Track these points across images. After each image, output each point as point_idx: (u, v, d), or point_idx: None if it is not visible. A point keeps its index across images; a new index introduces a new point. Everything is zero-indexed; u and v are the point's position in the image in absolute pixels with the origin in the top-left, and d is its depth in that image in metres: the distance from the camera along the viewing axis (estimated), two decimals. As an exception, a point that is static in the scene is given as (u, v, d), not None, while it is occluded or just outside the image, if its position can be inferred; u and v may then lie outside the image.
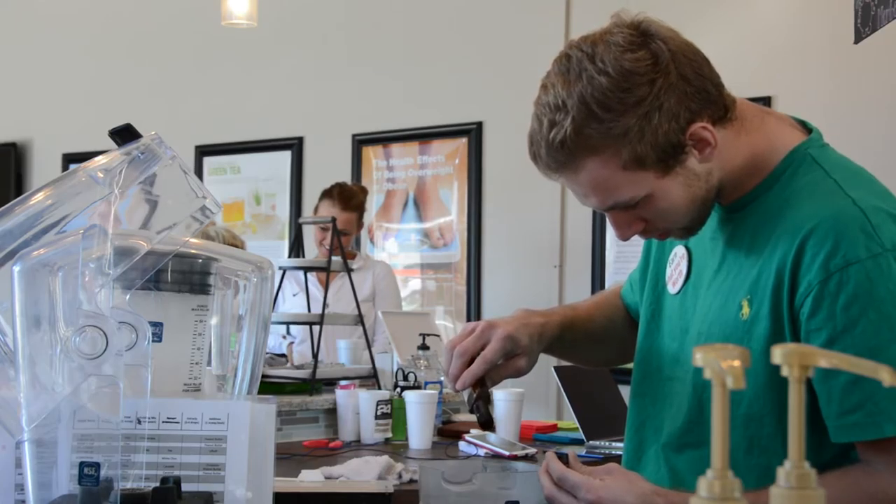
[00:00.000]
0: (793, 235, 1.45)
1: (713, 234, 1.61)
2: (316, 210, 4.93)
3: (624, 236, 1.57)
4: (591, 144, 1.47)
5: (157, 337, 1.27)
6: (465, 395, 1.59)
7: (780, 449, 1.43)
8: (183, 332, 1.32)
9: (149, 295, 1.28)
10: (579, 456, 3.28)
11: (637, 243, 1.76)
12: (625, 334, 1.87)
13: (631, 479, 1.48)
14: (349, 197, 4.77)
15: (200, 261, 1.35)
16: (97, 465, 1.09)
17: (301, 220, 4.61)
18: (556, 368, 3.70)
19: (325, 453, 3.21)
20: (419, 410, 3.34)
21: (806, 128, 1.63)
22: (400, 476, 2.73)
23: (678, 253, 1.68)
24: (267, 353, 3.83)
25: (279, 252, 5.93)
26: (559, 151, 1.50)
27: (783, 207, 1.50)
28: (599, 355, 1.97)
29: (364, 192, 4.96)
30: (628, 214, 1.54)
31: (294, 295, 4.71)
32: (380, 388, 3.65)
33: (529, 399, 3.66)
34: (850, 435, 1.42)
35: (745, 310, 1.49)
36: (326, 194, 4.84)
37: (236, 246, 4.67)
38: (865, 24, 4.09)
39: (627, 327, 1.87)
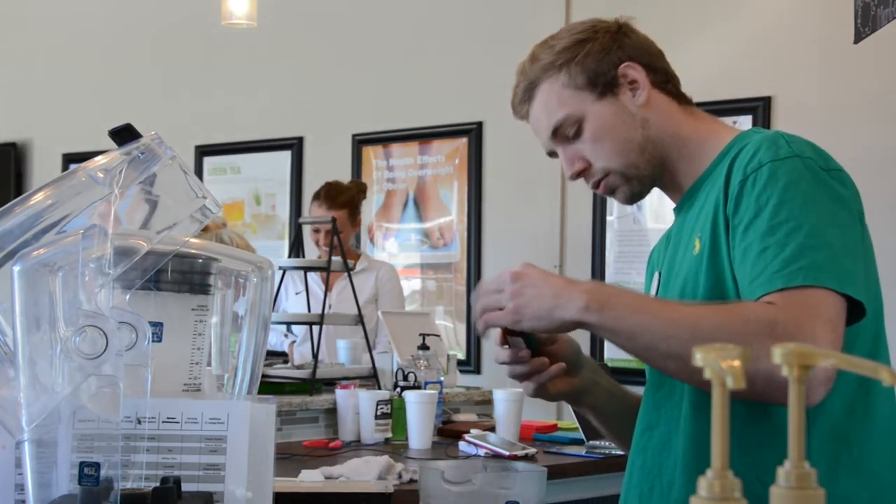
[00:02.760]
0: (724, 167, 1.62)
1: (675, 234, 1.76)
2: (309, 212, 4.93)
3: (569, 173, 1.75)
4: (542, 67, 1.75)
5: (157, 337, 1.27)
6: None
7: None
8: (183, 332, 1.32)
9: (149, 295, 1.28)
10: (580, 455, 3.28)
11: (636, 243, 1.81)
12: None
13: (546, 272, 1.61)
14: (335, 195, 4.73)
15: (200, 261, 1.35)
16: (97, 465, 1.09)
17: (301, 220, 4.61)
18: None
19: (325, 453, 3.21)
20: (419, 410, 3.34)
21: None
22: (400, 476, 2.73)
23: (654, 279, 1.81)
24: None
25: (279, 252, 5.93)
26: (521, 80, 1.79)
27: (724, 167, 1.65)
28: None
29: (358, 187, 4.90)
30: (572, 149, 1.73)
31: (297, 293, 4.70)
32: (380, 388, 3.65)
33: (529, 399, 3.66)
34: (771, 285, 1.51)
35: (697, 246, 1.63)
36: (315, 195, 4.83)
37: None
38: (865, 24, 4.10)
39: None
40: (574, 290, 1.54)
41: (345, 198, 4.73)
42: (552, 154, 1.79)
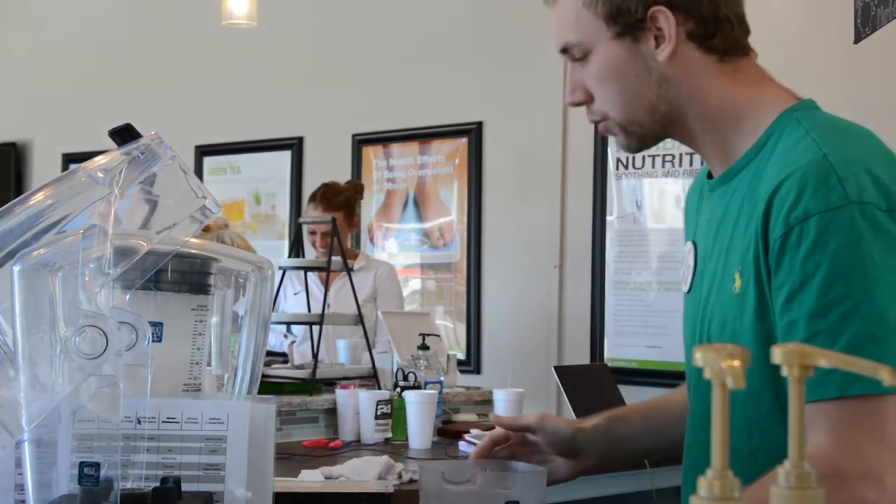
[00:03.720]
0: (766, 195, 1.38)
1: (710, 215, 1.56)
2: (306, 214, 4.93)
3: (567, 99, 1.56)
4: None
5: (157, 337, 1.27)
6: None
7: (778, 427, 1.36)
8: (183, 332, 1.32)
9: (149, 295, 1.28)
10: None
11: (636, 243, 1.76)
12: None
13: None
14: (331, 197, 4.72)
15: (200, 261, 1.35)
16: (97, 465, 1.09)
17: (301, 220, 4.61)
18: (557, 368, 3.70)
19: (325, 453, 3.21)
20: (419, 410, 3.34)
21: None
22: (400, 476, 2.73)
23: (687, 249, 1.63)
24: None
25: (279, 252, 5.94)
26: None
27: (764, 169, 1.43)
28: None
29: (355, 188, 4.90)
30: (578, 74, 1.53)
31: (295, 293, 4.70)
32: (380, 388, 3.66)
33: (530, 398, 3.66)
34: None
35: (737, 282, 1.42)
36: (311, 197, 4.83)
37: None
38: (865, 24, 4.10)
39: None
40: None
41: (341, 199, 4.72)
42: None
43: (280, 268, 4.14)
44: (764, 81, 1.54)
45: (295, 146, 6.33)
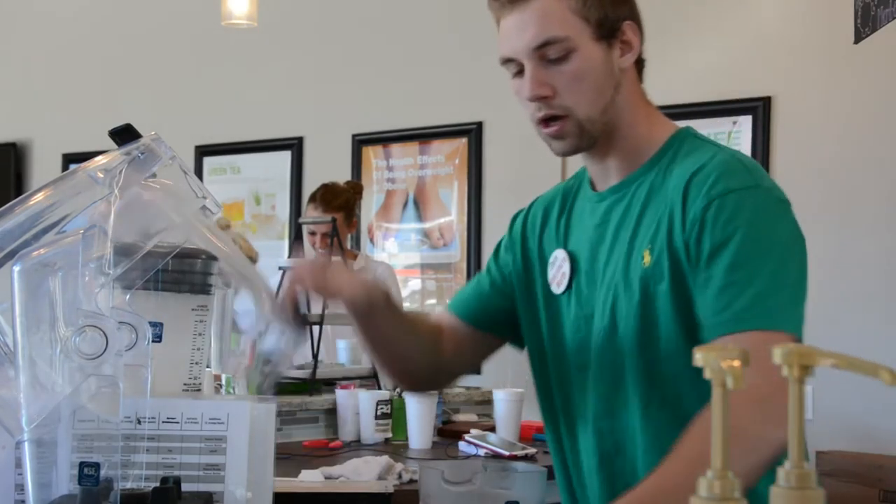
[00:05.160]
0: (681, 181, 1.60)
1: (599, 220, 1.73)
2: (304, 215, 4.93)
3: (532, 93, 1.67)
4: None
5: (157, 337, 1.27)
6: None
7: (685, 372, 1.55)
8: (183, 332, 1.32)
9: (149, 295, 1.28)
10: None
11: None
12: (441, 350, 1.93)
13: None
14: (331, 198, 4.72)
15: (200, 261, 1.35)
16: (97, 465, 1.09)
17: (301, 221, 4.61)
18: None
19: (325, 453, 3.21)
20: (419, 410, 3.34)
21: None
22: (400, 476, 2.73)
23: (558, 256, 1.78)
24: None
25: (279, 252, 5.93)
26: None
27: (670, 173, 1.64)
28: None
29: (354, 188, 4.89)
30: (545, 72, 1.66)
31: (295, 294, 4.69)
32: (380, 388, 3.65)
33: (529, 399, 3.65)
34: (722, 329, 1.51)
35: (647, 258, 1.61)
36: (310, 198, 4.82)
37: (250, 257, 4.64)
38: (865, 24, 4.09)
39: (458, 343, 1.93)
40: None
41: (340, 200, 4.71)
42: (507, 62, 1.76)
43: (280, 268, 4.14)
44: (655, 109, 1.76)
45: (295, 146, 6.33)
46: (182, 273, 1.33)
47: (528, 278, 1.86)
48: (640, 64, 1.73)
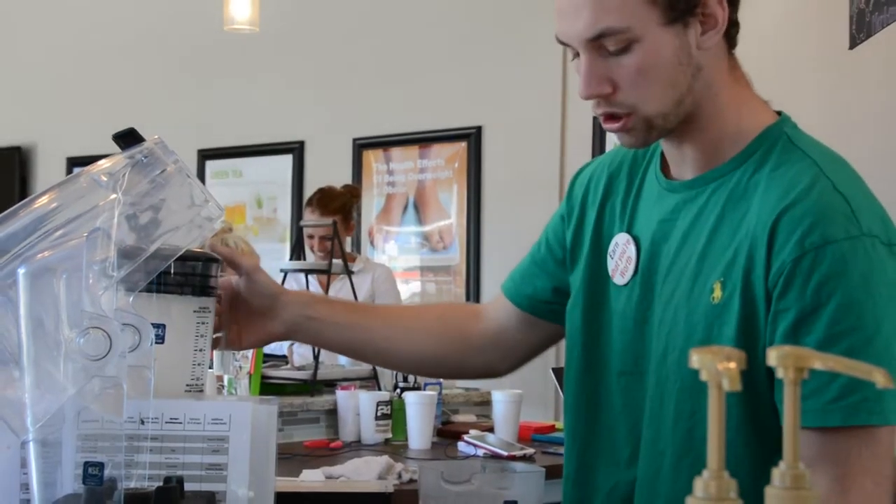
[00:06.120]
0: (769, 213, 1.33)
1: (667, 215, 1.47)
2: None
3: (588, 91, 1.38)
4: None
5: (160, 338, 1.27)
6: None
7: (741, 445, 1.35)
8: (185, 333, 1.33)
9: (151, 297, 1.28)
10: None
11: None
12: (509, 336, 1.75)
13: None
14: (328, 202, 4.73)
15: (202, 263, 1.35)
16: (101, 465, 1.10)
17: (302, 223, 4.62)
18: (554, 370, 3.70)
19: (325, 453, 3.21)
20: (419, 411, 3.34)
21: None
22: (400, 476, 2.73)
23: (620, 241, 1.53)
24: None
25: (281, 254, 5.94)
26: None
27: (756, 185, 1.38)
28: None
29: (351, 192, 4.90)
30: (605, 65, 1.37)
31: (296, 296, 4.70)
32: (380, 389, 3.66)
33: (527, 400, 3.66)
34: (831, 420, 1.28)
35: (717, 293, 1.36)
36: (308, 202, 4.83)
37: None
38: (860, 31, 4.10)
39: (514, 328, 1.74)
40: None
41: (337, 204, 4.72)
42: (563, 43, 1.41)
43: (282, 270, 4.15)
44: (750, 89, 1.48)
45: (296, 150, 6.34)
46: (184, 275, 1.33)
47: (576, 254, 1.60)
48: (731, 32, 1.42)
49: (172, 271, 1.31)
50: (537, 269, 1.69)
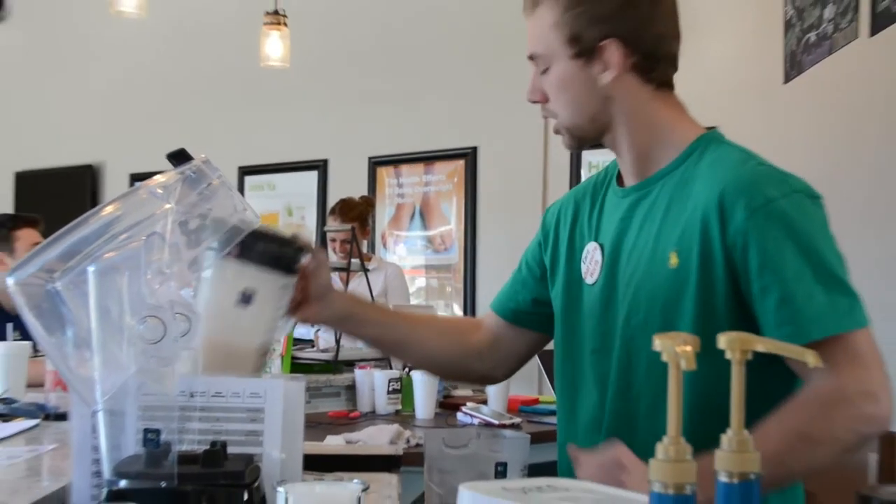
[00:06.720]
0: (714, 189, 1.39)
1: (624, 214, 1.53)
2: (327, 225, 4.94)
3: (529, 96, 1.55)
4: None
5: (248, 300, 1.33)
6: None
7: (717, 385, 1.28)
8: (268, 303, 1.38)
9: (248, 265, 1.35)
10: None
11: None
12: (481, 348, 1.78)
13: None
14: (348, 210, 4.73)
15: (295, 249, 1.41)
16: (158, 431, 1.09)
17: (326, 229, 4.62)
18: (538, 354, 3.69)
19: (346, 422, 3.21)
20: (424, 387, 3.34)
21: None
22: (408, 441, 2.73)
23: (590, 249, 1.59)
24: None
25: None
26: None
27: (697, 174, 1.44)
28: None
29: (367, 202, 4.90)
30: (539, 79, 1.52)
31: (320, 291, 4.69)
32: (391, 368, 3.65)
33: (515, 378, 3.66)
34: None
35: (674, 260, 1.41)
36: (331, 211, 4.84)
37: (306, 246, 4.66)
38: (793, 68, 4.10)
39: (504, 336, 1.77)
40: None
41: (355, 213, 4.73)
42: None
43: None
44: (683, 111, 1.54)
45: (320, 167, 6.33)
46: (279, 257, 1.38)
47: (554, 269, 1.66)
48: (650, 70, 1.48)
49: (269, 250, 1.34)
50: (519, 287, 1.76)
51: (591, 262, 1.57)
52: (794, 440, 1.28)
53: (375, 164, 6.07)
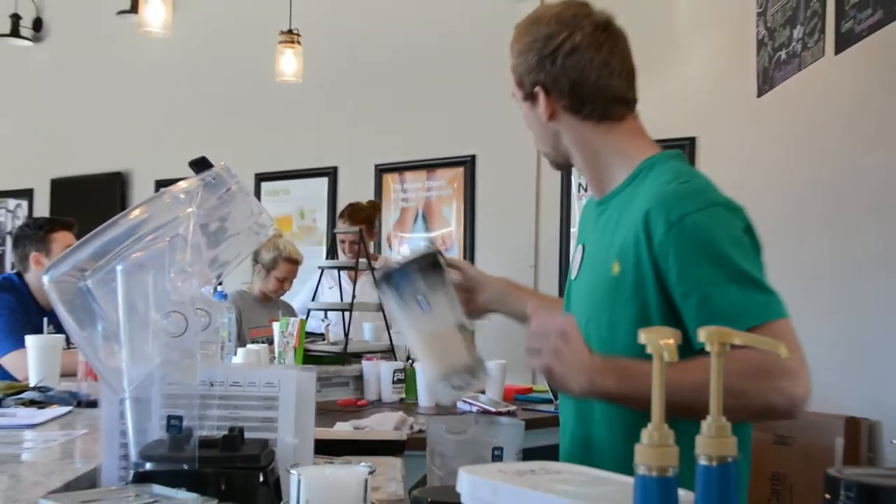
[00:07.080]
0: (643, 206, 1.46)
1: (594, 225, 1.64)
2: (336, 227, 4.93)
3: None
4: (513, 37, 1.61)
5: (425, 301, 1.50)
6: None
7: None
8: (439, 294, 1.52)
9: (405, 284, 1.52)
10: (549, 411, 3.27)
11: None
12: None
13: (586, 356, 1.38)
14: (356, 213, 4.73)
15: (424, 258, 1.57)
16: (181, 418, 1.09)
17: (335, 231, 4.61)
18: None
19: (354, 409, 3.20)
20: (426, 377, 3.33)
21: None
22: (412, 427, 2.73)
23: (578, 249, 1.69)
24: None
25: (319, 255, 5.92)
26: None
27: (638, 192, 1.52)
28: None
29: (374, 206, 4.89)
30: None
31: (330, 288, 4.70)
32: (396, 359, 3.65)
33: (510, 368, 3.66)
34: None
35: (616, 269, 1.49)
36: (340, 214, 4.83)
37: (297, 260, 4.66)
38: (765, 83, 4.10)
39: None
40: (605, 375, 1.35)
41: (363, 215, 4.73)
42: None
43: (319, 267, 4.14)
44: (636, 136, 1.60)
45: (331, 174, 6.33)
46: (416, 261, 1.54)
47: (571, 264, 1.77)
48: (580, 110, 1.57)
49: (407, 264, 1.51)
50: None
51: (575, 261, 1.68)
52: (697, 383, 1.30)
53: (381, 170, 6.07)
